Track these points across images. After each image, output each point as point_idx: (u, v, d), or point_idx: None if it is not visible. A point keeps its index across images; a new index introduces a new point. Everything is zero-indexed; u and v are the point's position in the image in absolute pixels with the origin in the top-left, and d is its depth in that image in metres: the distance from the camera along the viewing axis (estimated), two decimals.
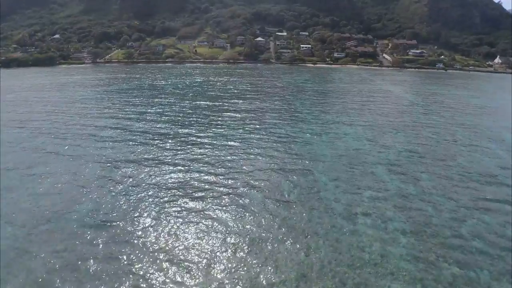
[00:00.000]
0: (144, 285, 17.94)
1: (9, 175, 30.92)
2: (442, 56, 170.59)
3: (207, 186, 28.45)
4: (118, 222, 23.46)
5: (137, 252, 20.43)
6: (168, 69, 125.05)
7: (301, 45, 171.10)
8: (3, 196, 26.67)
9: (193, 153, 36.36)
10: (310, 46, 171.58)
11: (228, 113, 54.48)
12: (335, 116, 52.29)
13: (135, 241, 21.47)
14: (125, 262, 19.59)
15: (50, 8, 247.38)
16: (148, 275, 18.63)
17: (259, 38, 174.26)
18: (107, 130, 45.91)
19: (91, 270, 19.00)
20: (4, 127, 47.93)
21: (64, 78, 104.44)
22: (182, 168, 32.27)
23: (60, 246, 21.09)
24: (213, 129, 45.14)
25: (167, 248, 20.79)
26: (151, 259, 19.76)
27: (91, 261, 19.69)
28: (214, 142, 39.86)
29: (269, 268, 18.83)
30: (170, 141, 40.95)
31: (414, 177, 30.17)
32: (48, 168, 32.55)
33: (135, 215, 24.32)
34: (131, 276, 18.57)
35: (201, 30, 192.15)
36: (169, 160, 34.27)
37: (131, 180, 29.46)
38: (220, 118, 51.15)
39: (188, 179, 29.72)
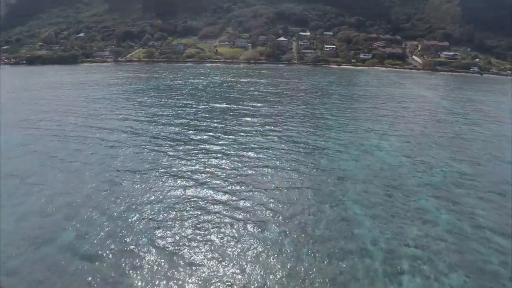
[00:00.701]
0: None
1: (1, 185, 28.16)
2: (477, 59, 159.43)
3: (216, 209, 24.33)
4: (107, 254, 19.72)
5: None
6: (188, 69, 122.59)
7: (325, 46, 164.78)
8: None
9: (204, 164, 32.42)
10: (334, 46, 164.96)
11: (246, 118, 50.35)
12: (365, 125, 46.97)
13: (125, 282, 17.61)
14: None
15: (76, 7, 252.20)
16: None
17: (282, 38, 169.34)
18: (117, 133, 42.99)
19: None
20: (12, 127, 45.93)
21: (84, 76, 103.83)
22: (191, 184, 28.35)
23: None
24: (229, 136, 41.11)
25: None
26: None
27: None
28: (230, 151, 35.78)
29: None
30: (181, 148, 37.28)
31: (467, 208, 24.78)
32: (45, 178, 29.54)
33: (130, 245, 20.49)
34: None
35: (223, 29, 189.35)
36: (178, 173, 30.46)
37: (131, 198, 25.76)
38: (237, 123, 47.11)
39: (196, 199, 25.69)
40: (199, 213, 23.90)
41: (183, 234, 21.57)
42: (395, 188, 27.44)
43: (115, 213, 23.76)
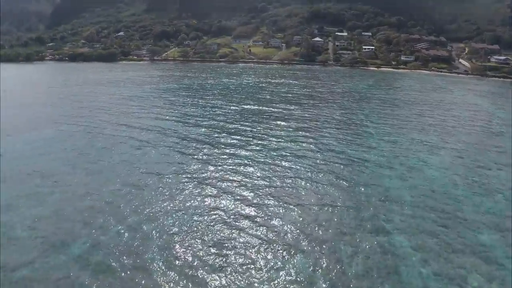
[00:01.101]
0: None
1: (20, 185, 27.39)
2: None
3: (241, 225, 21.79)
4: (119, 269, 17.85)
5: None
6: (220, 69, 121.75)
7: (363, 46, 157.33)
8: (1, 217, 22.70)
9: (231, 172, 30.03)
10: (373, 47, 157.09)
11: (278, 121, 47.51)
12: (410, 135, 42.39)
13: None
14: None
15: (117, 7, 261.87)
16: None
17: (317, 38, 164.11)
18: (145, 133, 42.01)
19: None
20: (49, 122, 46.41)
21: (120, 74, 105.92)
22: (215, 193, 26.05)
23: None
24: (259, 141, 38.49)
25: None
26: None
27: None
28: (259, 158, 33.14)
29: None
30: (208, 152, 35.22)
31: None
32: (67, 178, 28.59)
33: (144, 262, 18.45)
34: None
35: (257, 29, 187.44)
36: (203, 180, 28.30)
37: (151, 206, 23.88)
38: (268, 127, 44.39)
39: (219, 212, 23.26)
40: (221, 229, 21.47)
41: (202, 254, 19.20)
42: (449, 216, 23.36)
43: (132, 223, 21.92)
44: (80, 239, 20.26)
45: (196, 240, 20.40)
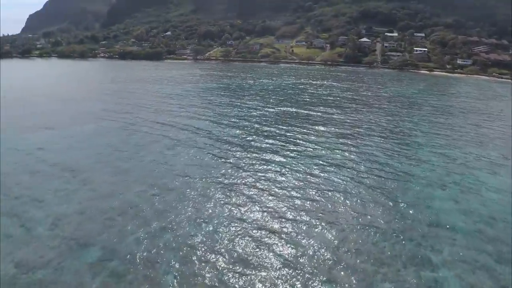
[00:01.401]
0: None
1: (51, 180, 27.51)
2: None
3: (267, 242, 19.48)
4: (132, 276, 16.54)
5: None
6: (261, 69, 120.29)
7: (415, 48, 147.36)
8: (26, 213, 22.63)
9: (262, 179, 27.90)
10: (426, 49, 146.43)
11: (316, 126, 44.58)
12: (466, 149, 37.27)
13: None
14: None
15: (167, 7, 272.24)
16: None
17: (364, 39, 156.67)
18: (179, 131, 41.48)
19: None
20: (91, 117, 47.76)
21: (164, 72, 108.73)
22: (243, 202, 24.08)
23: None
24: (295, 146, 35.99)
25: None
26: None
27: None
28: (293, 166, 30.65)
29: None
30: (240, 155, 33.47)
31: None
32: (96, 176, 28.22)
33: (159, 277, 16.96)
34: None
35: (301, 29, 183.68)
36: (231, 185, 26.50)
37: (174, 211, 22.45)
38: (306, 132, 41.67)
39: (246, 224, 21.17)
40: (245, 245, 19.38)
41: (220, 272, 17.26)
42: (510, 249, 19.22)
43: (152, 230, 20.61)
44: (97, 244, 19.33)
45: (217, 255, 18.54)
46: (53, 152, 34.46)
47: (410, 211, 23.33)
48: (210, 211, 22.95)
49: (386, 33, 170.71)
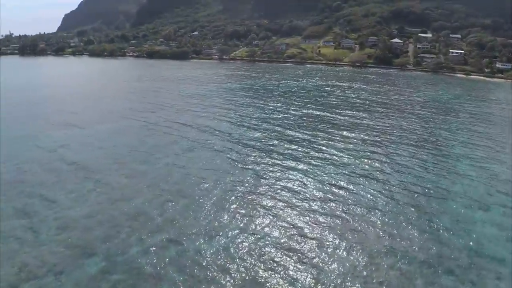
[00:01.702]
0: None
1: (66, 180, 26.97)
2: None
3: (280, 262, 17.49)
4: None
5: None
6: (286, 70, 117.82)
7: (450, 50, 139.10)
8: (37, 214, 21.95)
9: (282, 188, 25.94)
10: (462, 51, 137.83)
11: (343, 131, 41.93)
12: (510, 163, 33.31)
13: None
14: None
15: (195, 7, 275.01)
16: None
17: (396, 40, 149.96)
18: (197, 133, 40.44)
19: None
20: (111, 117, 47.69)
21: (189, 72, 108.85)
22: (259, 214, 22.30)
23: None
24: (319, 153, 33.66)
25: None
26: None
27: None
28: (316, 175, 28.41)
29: None
30: (259, 160, 31.66)
31: None
32: (108, 178, 27.43)
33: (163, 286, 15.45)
34: None
35: (329, 29, 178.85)
36: (248, 195, 24.77)
37: (182, 223, 20.91)
38: (331, 137, 39.18)
39: (261, 241, 19.28)
40: (259, 265, 17.48)
41: None
42: None
43: (160, 241, 19.16)
44: (100, 253, 18.14)
45: (226, 276, 16.79)
46: (73, 151, 34.22)
47: (448, 236, 20.50)
48: (223, 224, 21.23)
49: (419, 34, 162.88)
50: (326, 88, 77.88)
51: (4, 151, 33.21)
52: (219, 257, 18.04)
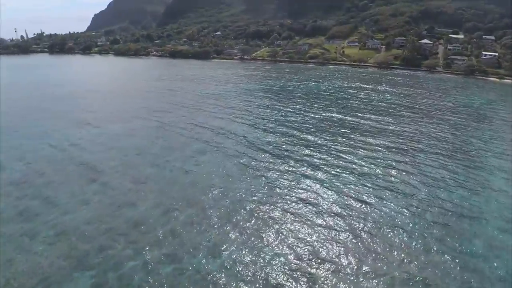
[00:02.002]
0: None
1: (71, 182, 26.24)
2: None
3: None
4: None
5: None
6: (308, 71, 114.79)
7: (483, 52, 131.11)
8: (36, 218, 20.98)
9: (298, 201, 23.89)
10: (496, 54, 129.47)
11: (365, 137, 39.17)
12: None
13: None
14: None
15: (219, 7, 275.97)
16: None
17: (425, 40, 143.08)
18: (211, 135, 39.01)
19: None
20: (122, 117, 47.11)
21: (209, 71, 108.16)
22: (271, 230, 20.37)
23: None
24: (339, 161, 31.23)
25: None
26: None
27: None
28: (335, 186, 26.14)
29: None
30: (273, 167, 29.68)
31: None
32: (114, 181, 26.32)
33: None
34: None
35: (354, 29, 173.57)
36: (258, 205, 22.89)
37: (185, 237, 19.29)
38: (352, 144, 36.56)
39: (270, 260, 17.34)
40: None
41: None
42: None
43: (156, 256, 17.65)
44: (92, 268, 16.82)
45: None
46: (84, 150, 33.66)
47: (481, 265, 17.78)
48: (228, 240, 19.44)
49: (450, 35, 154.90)
50: (349, 90, 74.63)
51: (16, 151, 33.08)
52: (220, 279, 16.27)
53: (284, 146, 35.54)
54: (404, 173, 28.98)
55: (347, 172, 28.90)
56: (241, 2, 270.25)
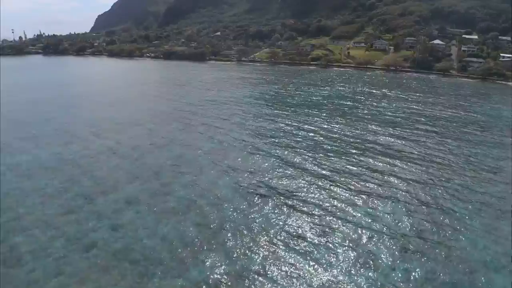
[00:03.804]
0: None
1: (65, 199, 18.33)
2: None
3: None
4: None
5: None
6: (309, 74, 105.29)
7: (500, 54, 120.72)
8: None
9: (289, 236, 14.88)
10: None
11: (375, 156, 30.22)
12: None
13: None
14: None
15: (221, 7, 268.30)
16: None
17: (437, 41, 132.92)
18: (201, 148, 30.20)
19: None
20: (104, 131, 38.71)
21: (199, 75, 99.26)
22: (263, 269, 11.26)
23: None
24: (344, 191, 22.20)
25: None
26: None
27: None
28: (343, 225, 17.12)
29: None
30: (259, 204, 20.59)
31: None
32: (105, 204, 17.93)
33: None
34: None
35: (361, 29, 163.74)
36: (248, 237, 13.96)
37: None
38: (358, 163, 27.74)
39: None
40: None
41: None
42: None
43: None
44: None
45: None
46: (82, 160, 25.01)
47: None
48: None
49: (464, 35, 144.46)
50: (356, 97, 65.34)
51: None
52: None
53: (277, 163, 26.51)
54: (419, 204, 19.69)
55: (355, 208, 19.71)
56: (244, 1, 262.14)
